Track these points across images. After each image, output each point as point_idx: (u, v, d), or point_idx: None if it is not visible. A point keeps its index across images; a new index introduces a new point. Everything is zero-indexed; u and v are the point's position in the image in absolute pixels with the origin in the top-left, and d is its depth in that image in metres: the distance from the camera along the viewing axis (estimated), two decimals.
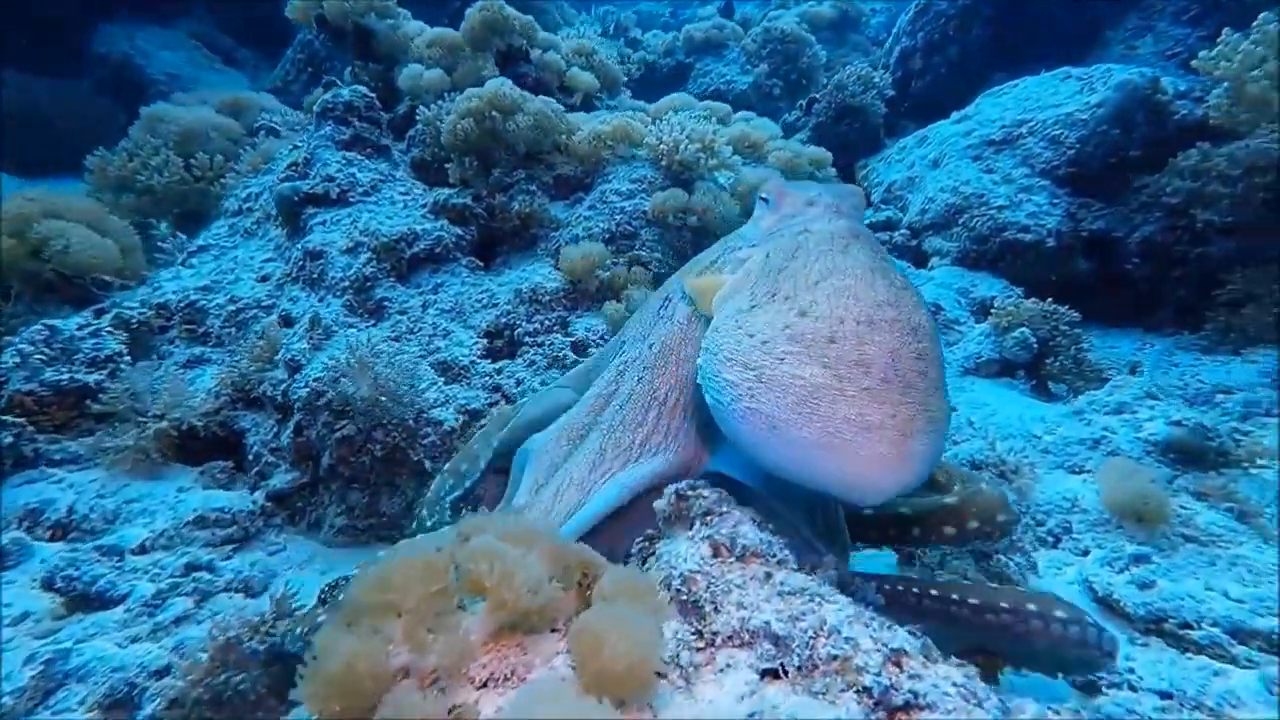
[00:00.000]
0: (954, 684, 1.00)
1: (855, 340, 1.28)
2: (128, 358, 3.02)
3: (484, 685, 1.05)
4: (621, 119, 4.05)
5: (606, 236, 3.62)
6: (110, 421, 2.85)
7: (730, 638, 1.15)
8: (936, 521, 1.92)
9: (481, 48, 4.42)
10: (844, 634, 1.08)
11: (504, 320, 3.32)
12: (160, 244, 4.04)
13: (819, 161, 4.64)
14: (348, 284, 3.22)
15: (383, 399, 2.72)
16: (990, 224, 4.77)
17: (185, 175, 4.76)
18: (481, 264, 3.65)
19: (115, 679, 1.93)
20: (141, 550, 2.47)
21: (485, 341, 3.30)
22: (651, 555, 1.50)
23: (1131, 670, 2.22)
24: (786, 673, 1.06)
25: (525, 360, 3.24)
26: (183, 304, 3.37)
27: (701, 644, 1.17)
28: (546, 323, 3.33)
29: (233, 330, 3.25)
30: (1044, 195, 4.88)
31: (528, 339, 3.28)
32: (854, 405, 1.25)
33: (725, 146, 4.17)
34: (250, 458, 2.95)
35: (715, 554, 1.35)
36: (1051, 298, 4.39)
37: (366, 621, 1.05)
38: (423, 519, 2.12)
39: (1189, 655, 2.27)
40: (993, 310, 4.29)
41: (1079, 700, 2.18)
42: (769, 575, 1.27)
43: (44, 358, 2.92)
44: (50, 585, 2.29)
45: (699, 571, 1.29)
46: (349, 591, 1.11)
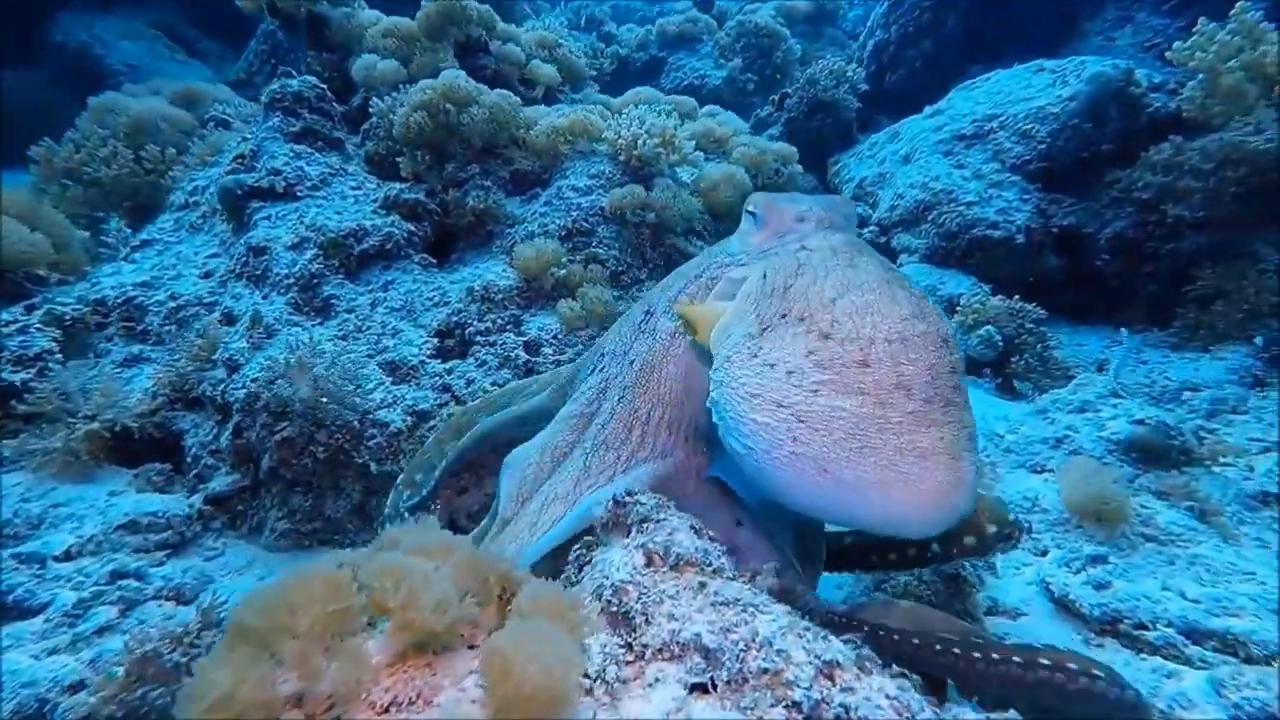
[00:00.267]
0: (887, 696, 0.99)
1: (891, 362, 1.22)
2: (59, 355, 2.95)
3: (386, 710, 1.01)
4: (580, 113, 4.01)
5: (563, 233, 3.59)
6: (38, 422, 2.78)
7: (660, 650, 1.12)
8: (957, 533, 1.84)
9: (438, 38, 4.37)
10: (776, 646, 1.06)
11: (455, 319, 3.28)
12: (104, 239, 3.96)
13: (784, 157, 4.63)
14: (293, 281, 3.17)
15: (324, 400, 2.67)
16: (959, 220, 4.78)
17: (135, 168, 4.67)
18: (435, 261, 3.60)
19: (24, 695, 1.87)
20: (66, 557, 2.41)
21: (436, 341, 3.26)
22: (588, 564, 1.47)
23: None
24: (715, 687, 1.04)
25: (476, 360, 3.20)
26: (121, 300, 3.29)
27: (631, 657, 1.14)
28: (499, 322, 3.29)
29: (173, 328, 3.19)
30: (1014, 191, 4.90)
31: (479, 338, 3.24)
32: (903, 433, 1.19)
33: (688, 142, 4.14)
34: (189, 460, 2.89)
35: (649, 563, 1.32)
36: (1020, 295, 4.41)
37: (254, 646, 1.00)
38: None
39: (1143, 656, 2.27)
40: (958, 308, 4.30)
41: None
42: (703, 585, 1.25)
43: None
44: None
45: (630, 581, 1.26)
46: (234, 613, 1.07)
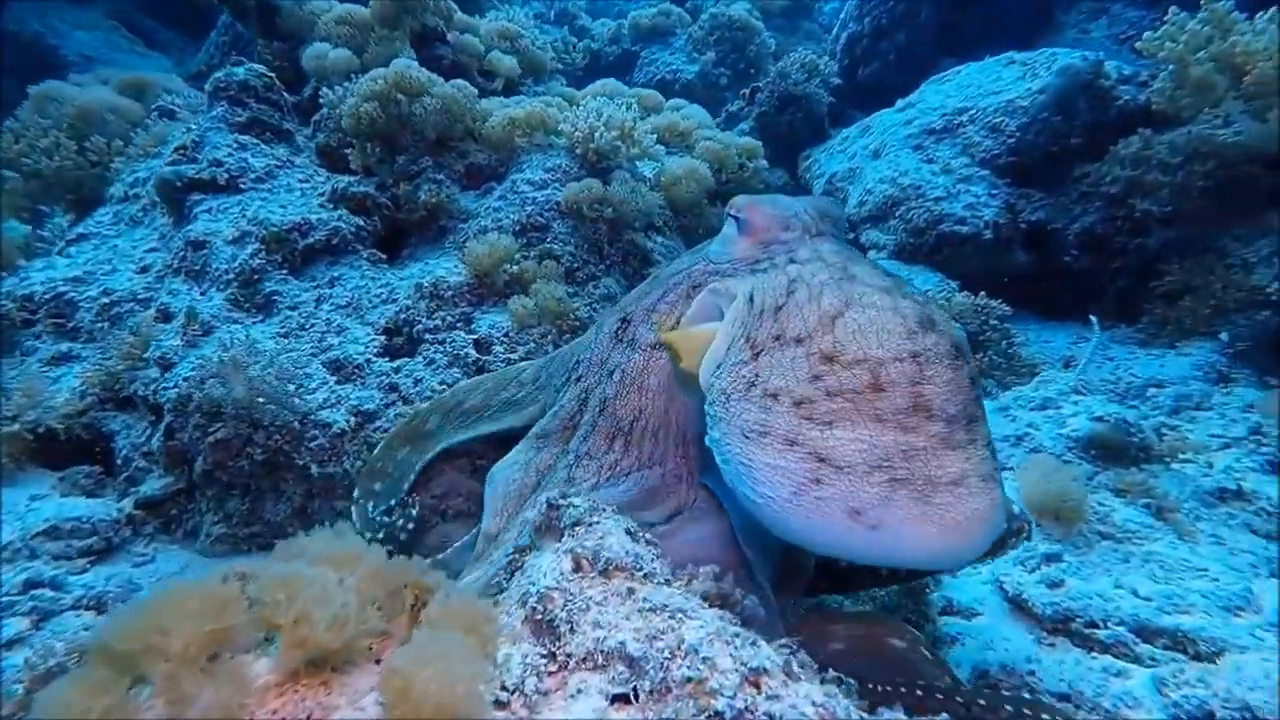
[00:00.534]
0: (813, 703, 0.98)
1: (906, 383, 1.16)
2: None
3: None
4: (537, 104, 3.98)
5: (516, 229, 3.54)
6: None
7: (584, 660, 1.10)
8: None
9: (394, 26, 4.32)
10: (702, 654, 1.03)
11: (404, 316, 3.23)
12: (41, 233, 3.87)
13: (750, 151, 4.61)
14: (232, 276, 3.10)
15: (261, 400, 2.62)
16: (927, 216, 4.80)
17: (78, 159, 4.56)
18: (384, 257, 3.55)
19: None
20: None
21: (383, 339, 3.20)
22: (520, 569, 1.45)
23: (1032, 673, 2.22)
24: (638, 697, 1.02)
25: (425, 358, 3.15)
26: (50, 296, 3.21)
27: (554, 668, 1.12)
28: (449, 319, 3.24)
29: (106, 325, 3.11)
30: (983, 186, 4.92)
31: (428, 336, 3.19)
32: (930, 460, 1.12)
33: (649, 135, 4.11)
34: (119, 462, 2.83)
35: (577, 568, 1.29)
36: (989, 291, 4.43)
37: (117, 670, 0.95)
38: None
39: (1094, 655, 2.28)
40: None
41: None
42: (632, 591, 1.22)
43: None
44: None
45: (557, 588, 1.23)
46: (96, 634, 1.01)
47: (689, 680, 1.01)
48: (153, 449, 2.79)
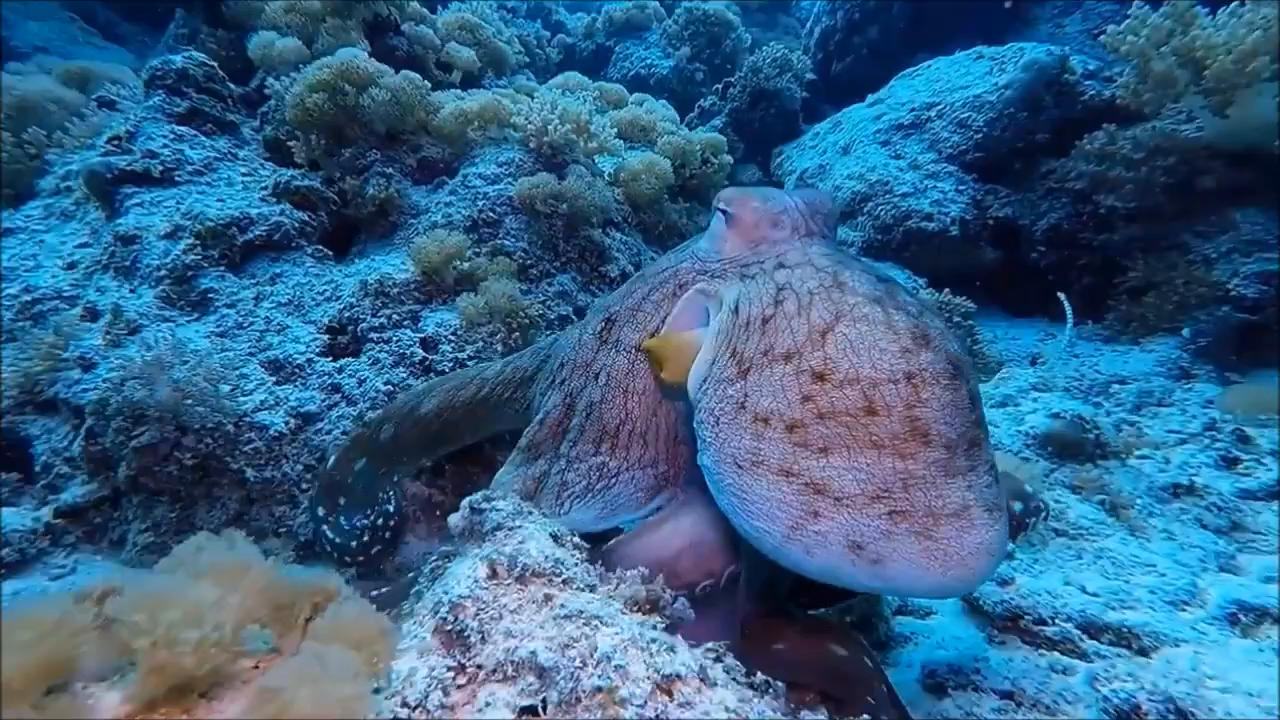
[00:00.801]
0: (726, 709, 0.96)
1: (902, 406, 1.12)
2: None
3: None
4: (491, 96, 3.93)
5: (468, 224, 3.50)
6: None
7: (494, 671, 1.06)
8: None
9: (344, 16, 4.26)
10: (614, 661, 1.01)
11: (348, 315, 3.18)
12: None
13: (714, 147, 4.59)
14: (165, 273, 3.03)
15: (188, 402, 2.55)
16: (894, 212, 4.82)
17: (16, 152, 4.46)
18: (331, 253, 3.49)
19: None
20: None
21: (326, 338, 3.15)
22: (441, 576, 1.41)
23: (978, 671, 2.22)
24: (546, 709, 0.99)
25: (370, 358, 3.10)
26: None
27: (463, 680, 1.08)
28: (395, 317, 3.19)
29: (28, 324, 3.02)
30: (950, 182, 4.95)
31: (373, 335, 3.14)
32: (930, 489, 1.09)
33: (609, 129, 4.09)
34: (39, 468, 2.75)
35: (492, 575, 1.26)
36: (957, 287, 4.45)
37: None
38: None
39: (1041, 652, 2.30)
40: None
41: (927, 702, 2.18)
42: (549, 598, 1.19)
43: None
44: None
45: (470, 596, 1.19)
46: None
47: (599, 690, 0.99)
48: (74, 454, 2.72)
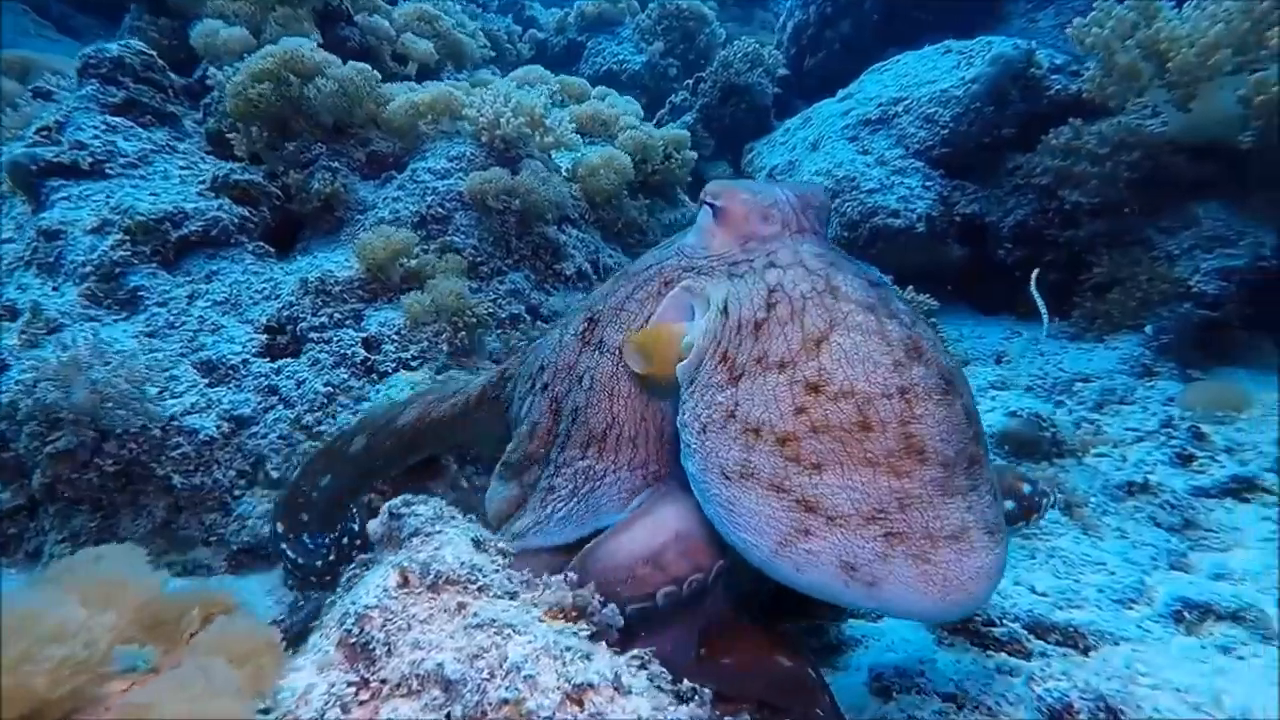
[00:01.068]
0: (640, 718, 0.94)
1: (896, 423, 1.09)
2: None
3: None
4: (443, 88, 3.88)
5: (416, 220, 3.45)
6: None
7: (398, 686, 1.02)
8: None
9: (294, 4, 4.18)
10: (524, 671, 0.97)
11: (287, 314, 3.12)
12: None
13: (676, 142, 4.55)
14: (90, 269, 2.95)
15: (107, 405, 2.48)
16: (860, 209, 4.80)
17: None
18: (273, 251, 3.42)
19: None
20: None
21: (264, 338, 3.09)
22: (354, 586, 1.37)
23: (922, 674, 2.20)
24: None
25: (309, 358, 3.04)
26: None
27: (366, 696, 1.03)
28: (336, 316, 3.14)
29: None
30: (917, 178, 4.94)
31: (313, 335, 3.08)
32: (927, 509, 1.06)
33: (567, 123, 4.04)
34: None
35: (403, 584, 1.21)
36: (926, 285, 4.43)
37: None
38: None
39: (990, 654, 2.28)
40: None
41: (873, 705, 2.16)
42: (462, 606, 1.14)
43: None
44: None
45: (377, 607, 1.14)
46: None
47: (505, 702, 0.95)
48: None
